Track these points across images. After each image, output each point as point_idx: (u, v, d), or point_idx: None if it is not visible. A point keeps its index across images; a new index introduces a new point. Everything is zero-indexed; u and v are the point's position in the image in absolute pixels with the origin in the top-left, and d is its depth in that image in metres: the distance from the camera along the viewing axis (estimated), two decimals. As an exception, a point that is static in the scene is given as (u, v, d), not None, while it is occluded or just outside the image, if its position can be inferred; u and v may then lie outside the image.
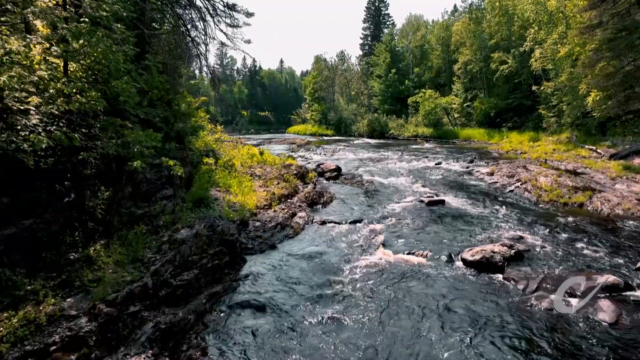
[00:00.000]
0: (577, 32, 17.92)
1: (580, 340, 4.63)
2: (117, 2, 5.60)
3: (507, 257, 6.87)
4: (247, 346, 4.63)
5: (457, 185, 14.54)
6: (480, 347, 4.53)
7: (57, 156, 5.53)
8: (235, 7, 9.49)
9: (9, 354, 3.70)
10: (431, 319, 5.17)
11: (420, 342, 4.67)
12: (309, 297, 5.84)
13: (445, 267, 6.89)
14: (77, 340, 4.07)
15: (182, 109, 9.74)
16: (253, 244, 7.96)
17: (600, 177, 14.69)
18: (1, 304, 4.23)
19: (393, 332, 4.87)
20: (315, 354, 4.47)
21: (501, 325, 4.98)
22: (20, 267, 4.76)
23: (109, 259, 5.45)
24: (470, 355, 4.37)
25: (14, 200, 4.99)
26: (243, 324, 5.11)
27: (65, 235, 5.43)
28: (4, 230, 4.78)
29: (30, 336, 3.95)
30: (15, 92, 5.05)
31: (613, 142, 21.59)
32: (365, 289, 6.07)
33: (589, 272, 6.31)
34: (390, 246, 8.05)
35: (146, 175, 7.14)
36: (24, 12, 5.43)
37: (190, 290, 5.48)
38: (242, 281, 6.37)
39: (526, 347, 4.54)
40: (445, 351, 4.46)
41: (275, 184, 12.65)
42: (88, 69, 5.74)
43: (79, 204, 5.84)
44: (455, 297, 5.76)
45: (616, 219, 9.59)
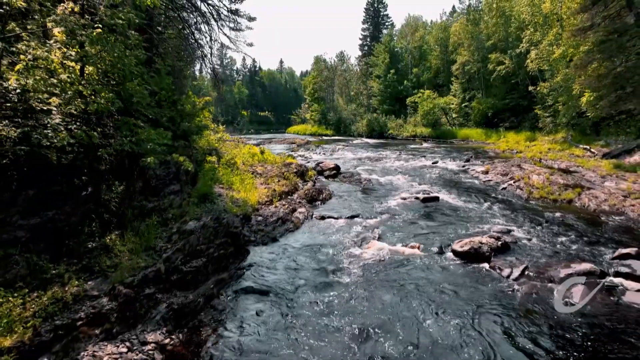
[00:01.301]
0: (569, 34, 18.36)
1: (553, 318, 5.09)
2: (130, 10, 6.04)
3: (494, 248, 7.33)
4: (252, 324, 5.10)
5: (452, 183, 15.00)
6: (464, 323, 4.99)
7: (75, 153, 6.00)
8: (238, 12, 9.96)
9: (41, 327, 4.15)
10: (421, 302, 5.62)
11: (410, 320, 5.13)
12: (309, 284, 6.30)
13: (436, 258, 7.36)
14: (100, 317, 4.53)
15: (187, 109, 10.19)
16: (256, 237, 8.42)
17: (591, 175, 15.15)
18: (31, 285, 4.69)
19: (385, 312, 5.33)
20: (314, 330, 4.93)
21: (485, 306, 5.44)
22: (45, 253, 5.22)
23: (124, 247, 5.91)
24: (455, 330, 4.83)
25: (38, 193, 5.45)
26: (248, 306, 5.57)
27: (83, 226, 5.90)
28: (30, 220, 5.24)
29: (59, 312, 4.41)
30: (39, 94, 5.51)
31: (606, 141, 22.04)
32: (361, 276, 6.54)
33: (569, 261, 6.77)
34: (386, 239, 8.51)
35: (156, 172, 7.60)
36: (45, 20, 5.89)
37: (199, 276, 5.94)
38: (246, 269, 6.83)
39: (507, 324, 5.00)
40: (432, 327, 4.93)
41: (276, 181, 13.11)
42: (104, 72, 6.19)
43: (96, 197, 6.30)
44: (444, 283, 6.22)
45: (601, 214, 10.05)
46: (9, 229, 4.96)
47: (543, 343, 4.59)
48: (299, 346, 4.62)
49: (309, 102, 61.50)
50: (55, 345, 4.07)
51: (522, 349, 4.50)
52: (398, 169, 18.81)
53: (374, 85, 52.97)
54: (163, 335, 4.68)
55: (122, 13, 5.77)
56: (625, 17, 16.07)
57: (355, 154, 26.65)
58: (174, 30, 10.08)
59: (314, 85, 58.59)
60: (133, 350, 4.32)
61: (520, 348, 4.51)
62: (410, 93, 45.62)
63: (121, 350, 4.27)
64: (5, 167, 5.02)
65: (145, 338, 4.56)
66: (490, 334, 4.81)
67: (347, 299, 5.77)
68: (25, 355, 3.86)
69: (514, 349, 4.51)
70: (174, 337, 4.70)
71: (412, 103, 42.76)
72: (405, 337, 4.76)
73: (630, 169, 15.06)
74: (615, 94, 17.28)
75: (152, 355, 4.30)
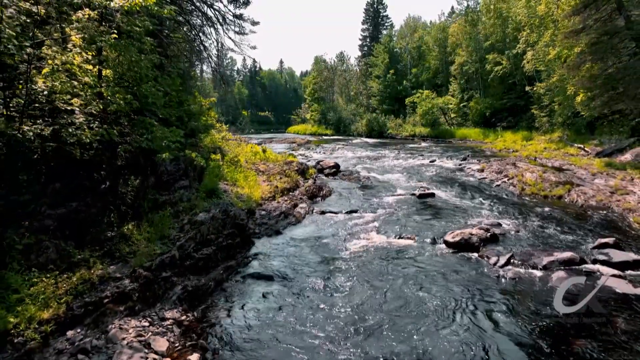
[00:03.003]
0: (562, 37, 18.88)
1: (533, 298, 5.61)
2: (146, 18, 6.55)
3: (483, 238, 7.84)
4: (258, 304, 5.62)
5: (448, 181, 15.51)
6: (451, 303, 5.50)
7: (95, 149, 6.51)
8: (242, 17, 10.47)
9: (73, 303, 4.67)
10: (414, 286, 6.13)
11: (403, 301, 5.64)
12: (310, 270, 6.82)
13: (429, 248, 7.87)
14: (123, 296, 5.05)
15: (193, 109, 10.70)
16: (260, 230, 8.94)
17: (582, 173, 15.65)
18: (60, 268, 5.20)
19: (380, 293, 5.84)
20: (315, 309, 5.44)
21: (471, 289, 5.95)
22: (71, 240, 5.73)
23: (140, 236, 6.42)
24: (443, 308, 5.35)
25: (63, 185, 5.97)
26: (255, 289, 6.09)
27: (103, 216, 6.42)
28: (57, 210, 5.76)
29: (87, 291, 4.93)
30: (64, 96, 6.02)
31: (600, 140, 22.54)
32: (358, 265, 7.05)
33: (552, 250, 7.28)
34: (383, 232, 9.01)
35: (167, 168, 8.12)
36: (68, 27, 6.40)
37: (209, 263, 6.46)
38: (252, 258, 7.35)
39: (490, 303, 5.51)
40: (422, 308, 5.44)
41: (278, 178, 13.62)
42: (121, 75, 6.70)
43: (113, 190, 6.83)
44: (435, 269, 6.74)
45: (588, 209, 10.56)
46: (39, 218, 5.47)
47: (521, 319, 5.10)
48: (301, 322, 5.13)
49: (309, 102, 62.06)
50: (86, 318, 4.59)
51: (502, 323, 5.00)
52: (396, 168, 19.32)
53: (373, 85, 53.50)
54: (179, 313, 5.19)
55: (139, 20, 6.28)
56: (616, 20, 16.57)
57: (355, 153, 27.17)
58: (181, 34, 10.60)
59: (314, 86, 59.15)
60: (154, 325, 4.83)
61: (499, 323, 5.02)
62: (409, 93, 46.13)
63: (143, 324, 4.78)
64: (36, 162, 5.54)
65: (164, 315, 5.08)
66: (474, 312, 5.32)
67: (345, 283, 6.28)
68: (61, 326, 4.38)
69: (495, 324, 5.02)
70: (189, 315, 5.22)
71: (411, 103, 43.25)
72: (398, 313, 5.27)
73: (620, 167, 15.56)
74: (607, 94, 17.80)
75: (171, 328, 4.82)
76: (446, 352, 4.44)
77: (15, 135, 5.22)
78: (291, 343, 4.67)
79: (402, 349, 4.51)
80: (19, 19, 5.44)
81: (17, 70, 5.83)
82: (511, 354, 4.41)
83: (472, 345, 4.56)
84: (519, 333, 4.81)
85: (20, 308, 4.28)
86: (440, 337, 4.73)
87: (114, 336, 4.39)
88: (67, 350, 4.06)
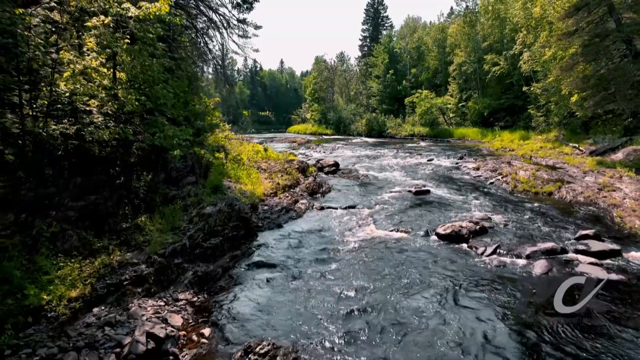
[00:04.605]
0: (556, 39, 19.37)
1: (516, 283, 6.12)
2: (159, 25, 7.07)
3: (473, 231, 8.35)
4: (263, 288, 6.15)
5: (444, 178, 16.02)
6: (440, 287, 6.01)
7: (110, 147, 7.03)
8: (245, 21, 10.98)
9: (97, 285, 5.19)
10: (405, 272, 6.65)
11: (395, 285, 6.15)
12: (311, 259, 7.34)
13: (422, 239, 8.39)
14: (141, 279, 5.57)
15: (199, 109, 11.22)
16: (263, 223, 9.45)
17: (574, 171, 16.15)
18: (83, 254, 5.72)
19: (374, 279, 6.36)
20: (314, 292, 5.96)
21: (458, 275, 6.46)
22: (90, 230, 6.26)
23: (153, 227, 6.95)
24: (432, 292, 5.86)
25: (83, 180, 6.49)
26: (259, 275, 6.62)
27: (118, 209, 6.94)
28: (78, 202, 6.29)
29: (108, 275, 5.45)
30: (83, 97, 6.54)
31: (595, 140, 23.02)
32: (355, 255, 7.57)
33: (536, 241, 7.80)
34: (379, 225, 9.53)
35: (176, 165, 8.64)
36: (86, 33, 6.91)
37: (217, 252, 6.98)
38: (255, 249, 7.88)
39: (479, 289, 6.02)
40: (411, 290, 5.95)
41: (280, 176, 14.14)
42: (134, 77, 7.22)
43: (127, 185, 7.35)
44: (427, 258, 7.26)
45: (576, 204, 11.06)
46: (62, 209, 6.00)
47: (500, 299, 5.61)
48: (302, 302, 5.65)
49: (309, 102, 62.59)
50: (109, 297, 5.12)
51: (482, 302, 5.52)
52: (394, 166, 19.83)
53: (373, 86, 54.00)
54: (191, 295, 5.71)
55: (152, 27, 6.79)
56: (608, 22, 17.06)
57: (354, 152, 27.68)
58: (188, 38, 11.12)
59: (314, 86, 59.67)
60: (169, 304, 5.35)
61: (480, 301, 5.53)
62: (408, 93, 46.62)
63: (160, 303, 5.31)
64: (59, 158, 6.06)
65: (177, 296, 5.60)
66: (457, 292, 5.83)
67: (342, 270, 6.80)
68: (87, 303, 4.91)
69: (476, 302, 5.53)
70: (200, 296, 5.74)
71: (411, 103, 43.75)
72: (389, 295, 5.79)
73: (611, 165, 16.04)
74: (599, 95, 18.29)
75: (184, 307, 5.34)
76: (428, 325, 4.95)
77: (40, 134, 5.75)
78: (292, 319, 5.20)
79: (389, 322, 5.03)
80: (45, 27, 5.95)
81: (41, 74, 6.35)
82: (486, 327, 4.93)
83: (452, 320, 5.08)
84: (497, 310, 5.33)
85: (52, 287, 4.81)
86: (425, 314, 5.25)
87: (134, 313, 4.91)
88: (94, 323, 4.58)
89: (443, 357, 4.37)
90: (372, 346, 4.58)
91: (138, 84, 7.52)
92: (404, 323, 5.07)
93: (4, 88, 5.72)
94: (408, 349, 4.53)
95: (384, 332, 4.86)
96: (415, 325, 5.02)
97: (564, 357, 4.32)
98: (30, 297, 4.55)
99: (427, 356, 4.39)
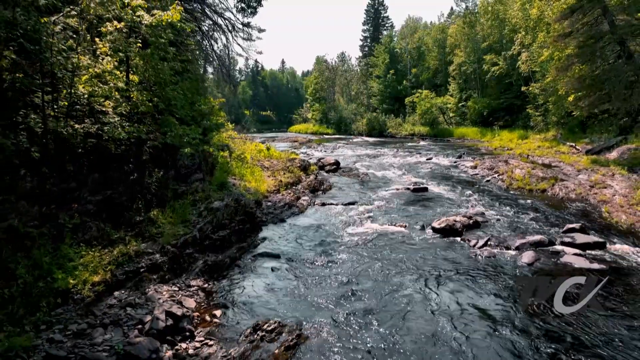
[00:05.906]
0: (552, 40, 19.77)
1: (504, 272, 6.57)
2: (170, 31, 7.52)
3: (466, 225, 8.80)
4: (268, 276, 6.61)
5: (442, 177, 16.46)
6: (433, 276, 6.46)
7: (125, 145, 7.49)
8: (249, 25, 11.44)
9: (116, 271, 5.66)
10: (400, 262, 7.10)
11: (390, 273, 6.61)
12: (313, 251, 7.80)
13: (418, 233, 8.84)
14: (156, 267, 6.03)
15: (205, 109, 11.67)
16: (267, 218, 9.92)
17: (569, 169, 16.56)
18: (102, 244, 6.18)
19: (371, 268, 6.81)
20: (316, 279, 6.42)
21: (451, 266, 6.91)
22: (108, 222, 6.72)
23: (165, 220, 7.41)
24: (428, 282, 6.31)
25: (100, 176, 6.95)
26: (264, 264, 7.09)
27: (132, 203, 7.40)
28: (96, 196, 6.75)
29: (126, 263, 5.91)
30: (99, 98, 7.00)
31: (591, 139, 23.42)
32: (354, 247, 8.02)
33: (525, 234, 8.24)
34: (378, 220, 9.97)
35: (185, 162, 9.10)
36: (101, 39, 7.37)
37: (224, 243, 7.45)
38: (260, 241, 8.35)
39: (466, 275, 6.47)
40: (405, 277, 6.41)
41: (282, 174, 14.61)
42: (147, 79, 7.67)
43: (140, 181, 7.81)
44: (422, 250, 7.71)
45: (568, 200, 11.50)
46: (83, 202, 6.46)
47: (487, 286, 6.06)
48: (305, 288, 6.11)
49: (310, 101, 63.09)
50: (128, 283, 5.58)
51: (471, 288, 5.96)
52: (394, 165, 20.27)
53: (374, 85, 54.44)
54: (202, 281, 6.18)
55: (164, 33, 7.25)
56: (602, 24, 17.46)
57: (355, 151, 28.13)
58: (194, 41, 11.57)
59: (315, 85, 60.17)
60: (182, 290, 5.82)
61: (469, 287, 5.98)
62: (409, 93, 47.05)
63: (174, 289, 5.77)
64: (79, 155, 6.52)
65: (190, 283, 6.07)
66: (449, 279, 6.28)
67: (342, 260, 7.26)
68: (108, 288, 5.37)
69: (465, 287, 5.98)
70: (210, 283, 6.21)
71: (411, 103, 44.17)
72: (385, 282, 6.24)
73: (604, 164, 16.44)
74: (594, 95, 18.69)
75: (196, 292, 5.81)
76: (419, 307, 5.40)
77: (62, 133, 6.22)
78: (296, 302, 5.66)
79: (384, 304, 5.48)
80: (65, 34, 6.41)
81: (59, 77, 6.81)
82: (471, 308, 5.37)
83: (442, 303, 5.53)
84: (483, 295, 5.77)
85: (77, 272, 5.27)
86: (417, 298, 5.70)
87: (151, 296, 5.37)
88: (116, 304, 5.04)
89: (432, 330, 4.82)
90: (369, 324, 5.03)
91: (150, 86, 7.98)
92: (397, 304, 5.53)
93: (28, 90, 6.19)
94: (399, 326, 4.97)
95: (379, 312, 5.32)
96: (407, 307, 5.47)
97: (539, 334, 4.77)
98: (58, 280, 5.01)
99: (417, 330, 4.84)
